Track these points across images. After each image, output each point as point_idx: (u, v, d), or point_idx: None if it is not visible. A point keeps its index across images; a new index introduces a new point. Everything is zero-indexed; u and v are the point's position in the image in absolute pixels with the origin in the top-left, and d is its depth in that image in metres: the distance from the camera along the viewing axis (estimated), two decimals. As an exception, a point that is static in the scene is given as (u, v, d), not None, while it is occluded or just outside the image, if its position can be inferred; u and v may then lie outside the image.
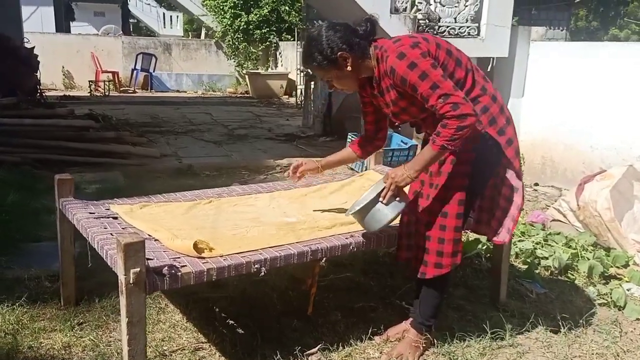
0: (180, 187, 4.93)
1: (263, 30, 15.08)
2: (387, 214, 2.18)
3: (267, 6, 14.96)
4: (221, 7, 15.13)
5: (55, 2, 16.38)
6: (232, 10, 14.91)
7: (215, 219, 2.53)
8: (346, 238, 2.34)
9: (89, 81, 13.12)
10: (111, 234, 2.17)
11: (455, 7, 5.76)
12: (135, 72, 14.33)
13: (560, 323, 2.67)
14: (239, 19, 14.92)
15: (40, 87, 9.26)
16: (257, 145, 7.20)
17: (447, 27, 5.75)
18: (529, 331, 2.66)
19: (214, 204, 2.76)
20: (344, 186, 3.19)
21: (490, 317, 2.73)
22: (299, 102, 11.83)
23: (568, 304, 2.97)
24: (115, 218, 2.40)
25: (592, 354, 2.49)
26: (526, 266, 3.34)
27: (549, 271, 3.36)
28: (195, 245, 2.04)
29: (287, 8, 15.21)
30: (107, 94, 12.92)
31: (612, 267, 3.39)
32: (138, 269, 1.79)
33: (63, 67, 13.89)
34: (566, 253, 3.45)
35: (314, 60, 2.22)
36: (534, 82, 5.93)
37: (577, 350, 2.52)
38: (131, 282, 1.79)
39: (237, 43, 15.12)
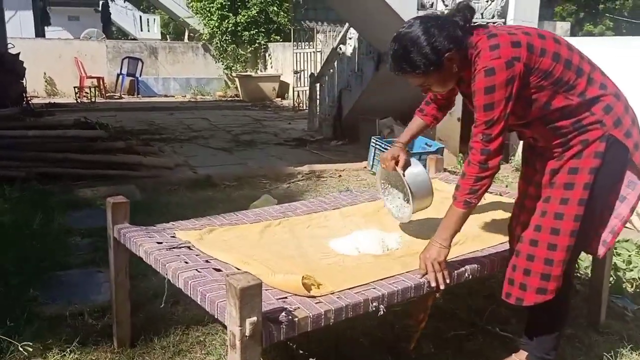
0: (202, 200, 4.61)
1: (251, 32, 14.70)
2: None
3: (255, 7, 14.58)
4: (208, 9, 14.71)
5: (33, 7, 15.72)
6: (220, 12, 14.49)
7: (297, 244, 2.20)
8: (459, 264, 2.03)
9: (74, 87, 12.58)
10: (197, 270, 1.82)
11: (482, 2, 5.51)
12: (121, 77, 13.81)
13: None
14: (226, 21, 14.52)
15: (26, 95, 8.78)
16: (269, 152, 6.86)
17: (474, 23, 5.50)
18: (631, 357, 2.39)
19: (284, 225, 2.43)
20: (414, 199, 2.87)
21: (597, 341, 2.46)
22: (296, 105, 11.51)
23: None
24: (189, 248, 2.05)
25: None
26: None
27: (633, 284, 3.11)
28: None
29: (275, 9, 14.85)
30: (93, 100, 12.40)
31: (697, 276, 3.15)
32: (255, 319, 1.46)
33: (45, 74, 13.31)
34: (646, 263, 3.20)
35: (415, 67, 1.84)
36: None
37: None
38: (247, 334, 1.45)
39: (225, 45, 14.71)
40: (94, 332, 2.44)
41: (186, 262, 1.88)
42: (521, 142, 2.22)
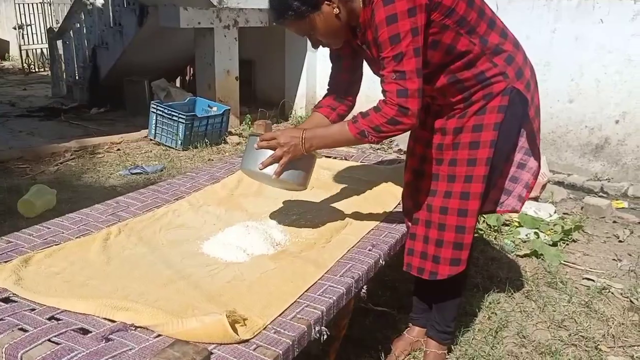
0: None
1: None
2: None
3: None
4: None
5: None
6: None
7: (162, 258, 1.63)
8: (369, 250, 1.74)
9: None
10: (51, 340, 1.14)
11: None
12: None
13: (528, 286, 2.58)
14: None
15: None
16: (14, 126, 5.49)
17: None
18: (498, 302, 2.49)
19: (128, 233, 1.80)
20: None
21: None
22: (26, 67, 9.63)
23: (501, 263, 2.90)
24: (9, 300, 1.31)
25: (574, 312, 2.44)
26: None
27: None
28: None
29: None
30: None
31: (498, 214, 3.46)
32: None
33: None
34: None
35: (289, 8, 1.58)
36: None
37: (557, 314, 2.43)
38: None
39: None
40: None
41: (22, 330, 1.18)
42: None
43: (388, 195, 2.21)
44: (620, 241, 3.31)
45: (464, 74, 1.67)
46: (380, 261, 1.73)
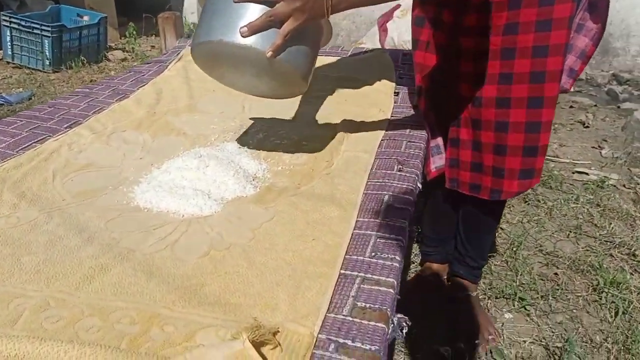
0: None
1: None
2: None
3: None
4: None
5: None
6: None
7: (70, 227, 0.92)
8: (399, 171, 1.14)
9: None
10: None
11: None
12: None
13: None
14: None
15: None
16: None
17: None
18: (502, 229, 2.06)
19: (-3, 188, 1.06)
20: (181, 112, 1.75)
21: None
22: None
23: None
24: None
25: (587, 214, 2.06)
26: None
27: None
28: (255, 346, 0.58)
29: None
30: None
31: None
32: None
33: None
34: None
35: None
36: None
37: (570, 219, 2.04)
38: None
39: None
40: None
41: None
42: None
43: (380, 95, 1.59)
44: (586, 127, 3.00)
45: None
46: (418, 184, 1.14)
